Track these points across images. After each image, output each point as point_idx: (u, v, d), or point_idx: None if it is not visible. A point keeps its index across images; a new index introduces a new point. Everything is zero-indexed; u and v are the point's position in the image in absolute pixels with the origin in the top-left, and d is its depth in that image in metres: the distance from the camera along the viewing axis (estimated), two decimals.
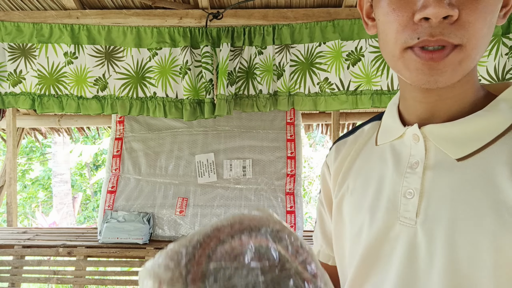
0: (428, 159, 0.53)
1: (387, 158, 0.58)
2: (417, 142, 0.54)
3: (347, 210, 0.62)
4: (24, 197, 8.95)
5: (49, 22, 2.27)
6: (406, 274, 0.51)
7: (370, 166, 0.61)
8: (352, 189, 0.62)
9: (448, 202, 0.50)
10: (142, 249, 2.33)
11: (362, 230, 0.57)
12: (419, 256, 0.50)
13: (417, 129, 0.54)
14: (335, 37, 2.20)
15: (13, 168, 2.79)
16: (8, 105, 2.32)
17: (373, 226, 0.55)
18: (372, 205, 0.57)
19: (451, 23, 0.45)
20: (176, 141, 2.64)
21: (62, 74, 2.29)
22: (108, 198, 2.57)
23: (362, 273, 0.56)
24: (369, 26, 0.58)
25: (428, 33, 0.45)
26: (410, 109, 0.58)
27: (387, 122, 0.62)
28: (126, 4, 2.29)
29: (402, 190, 0.54)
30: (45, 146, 8.60)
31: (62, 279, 2.35)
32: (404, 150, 0.56)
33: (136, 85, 2.30)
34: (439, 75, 0.47)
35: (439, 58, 0.46)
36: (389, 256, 0.53)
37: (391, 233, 0.54)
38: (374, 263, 0.55)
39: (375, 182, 0.58)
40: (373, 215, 0.56)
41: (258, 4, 2.27)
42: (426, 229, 0.50)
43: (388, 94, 2.19)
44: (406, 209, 0.53)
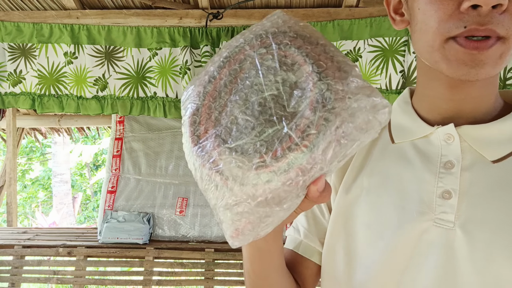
0: (464, 160, 0.51)
1: (410, 157, 0.56)
2: (451, 142, 0.52)
3: (362, 210, 0.58)
4: (24, 197, 8.95)
5: (49, 22, 2.27)
6: (444, 277, 0.49)
7: (387, 164, 0.58)
8: (368, 188, 0.58)
9: (488, 204, 0.48)
10: (142, 249, 2.33)
11: (385, 231, 0.54)
12: (459, 258, 0.48)
13: (453, 128, 0.52)
14: (335, 37, 2.21)
15: (13, 168, 2.79)
16: (8, 105, 2.32)
17: (403, 228, 0.52)
18: (398, 205, 0.54)
19: (500, 13, 0.44)
20: (176, 141, 2.64)
21: (62, 74, 2.30)
22: (108, 198, 2.57)
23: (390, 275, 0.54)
24: (396, 21, 0.57)
25: (476, 22, 0.44)
26: (431, 107, 0.56)
27: (402, 121, 0.59)
28: (126, 4, 2.29)
29: (437, 190, 0.52)
30: (45, 146, 8.60)
31: (62, 279, 2.35)
32: (431, 150, 0.54)
33: (136, 85, 2.30)
34: (481, 67, 0.46)
35: (484, 48, 0.45)
36: (424, 258, 0.51)
37: (425, 235, 0.51)
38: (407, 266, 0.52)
39: (396, 181, 0.56)
40: (402, 217, 0.53)
41: (258, 4, 2.27)
42: (467, 231, 0.48)
43: (386, 93, 2.19)
44: (443, 210, 0.50)
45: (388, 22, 2.15)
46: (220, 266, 2.29)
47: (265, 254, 0.54)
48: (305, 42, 0.40)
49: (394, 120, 0.61)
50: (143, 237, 2.38)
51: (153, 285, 2.28)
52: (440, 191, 0.51)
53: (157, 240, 2.47)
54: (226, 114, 0.41)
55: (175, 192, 2.55)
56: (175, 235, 2.49)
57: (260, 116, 0.39)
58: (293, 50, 0.40)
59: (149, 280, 2.28)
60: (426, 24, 0.49)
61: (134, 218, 2.46)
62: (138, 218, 2.46)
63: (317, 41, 0.41)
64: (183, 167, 2.59)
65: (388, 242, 0.53)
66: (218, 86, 0.43)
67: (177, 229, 2.49)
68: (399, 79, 2.17)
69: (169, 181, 2.58)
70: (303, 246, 0.66)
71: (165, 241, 2.45)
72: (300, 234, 0.66)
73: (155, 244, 2.40)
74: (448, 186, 0.51)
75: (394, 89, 2.18)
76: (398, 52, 2.15)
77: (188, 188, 2.56)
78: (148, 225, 2.43)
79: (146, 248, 2.34)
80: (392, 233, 0.53)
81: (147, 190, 2.57)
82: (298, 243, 0.66)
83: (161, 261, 2.33)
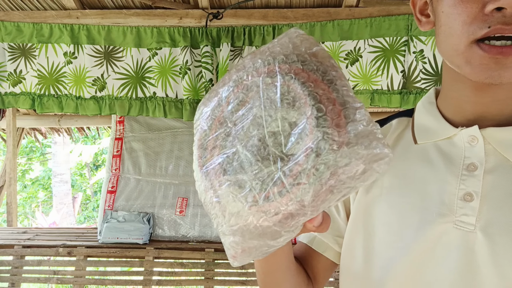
0: (488, 162, 0.51)
1: (433, 158, 0.56)
2: (475, 144, 0.52)
3: (383, 210, 0.58)
4: (24, 197, 8.95)
5: (49, 22, 2.27)
6: (463, 279, 0.49)
7: (409, 165, 0.58)
8: (389, 188, 0.58)
9: (510, 207, 0.48)
10: (142, 249, 2.33)
11: (405, 232, 0.54)
12: (479, 261, 0.48)
13: (478, 130, 0.52)
14: (335, 37, 2.21)
15: (13, 168, 2.79)
16: (8, 105, 2.32)
17: (423, 229, 0.52)
18: (419, 206, 0.54)
19: None
20: (176, 141, 2.64)
21: (62, 74, 2.30)
22: (108, 198, 2.57)
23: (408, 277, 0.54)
24: (422, 22, 0.57)
25: (502, 22, 0.44)
26: (456, 109, 0.56)
27: (426, 121, 0.59)
28: (126, 4, 2.29)
29: (459, 193, 0.51)
30: (45, 146, 8.60)
31: (62, 279, 2.35)
32: (454, 151, 0.54)
33: (135, 85, 2.29)
34: (504, 70, 0.46)
35: (508, 53, 0.45)
36: (443, 260, 0.51)
37: (445, 237, 0.51)
38: (426, 267, 0.52)
39: (418, 182, 0.55)
40: (422, 218, 0.53)
41: (258, 4, 2.27)
42: (488, 235, 0.48)
43: (388, 93, 2.19)
44: (464, 212, 0.50)
45: (388, 22, 2.15)
46: (220, 266, 2.29)
47: (271, 257, 0.55)
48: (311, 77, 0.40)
49: (418, 120, 0.61)
50: (143, 237, 2.38)
51: (153, 285, 2.28)
52: (461, 193, 0.51)
53: (157, 240, 2.47)
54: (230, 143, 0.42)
55: (175, 192, 2.55)
56: (175, 235, 2.49)
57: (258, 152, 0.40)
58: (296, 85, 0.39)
59: (149, 280, 2.28)
60: (450, 27, 0.49)
61: (134, 218, 2.46)
62: (138, 218, 2.46)
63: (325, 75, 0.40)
64: (183, 167, 2.59)
65: (407, 242, 0.53)
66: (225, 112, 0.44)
67: (177, 229, 2.49)
68: (400, 79, 2.17)
69: (169, 181, 2.58)
70: (317, 242, 0.68)
71: (165, 241, 2.45)
72: None
73: (155, 244, 2.40)
74: (470, 188, 0.51)
75: (396, 90, 2.18)
76: (399, 52, 2.15)
77: (188, 188, 2.56)
78: (148, 225, 2.43)
79: (146, 248, 2.34)
80: (411, 233, 0.53)
81: (147, 190, 2.57)
82: (312, 238, 0.68)
83: (161, 261, 2.33)
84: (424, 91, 2.16)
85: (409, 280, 0.53)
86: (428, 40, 2.12)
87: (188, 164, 2.59)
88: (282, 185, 0.37)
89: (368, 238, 0.59)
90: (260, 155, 0.39)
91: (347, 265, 0.63)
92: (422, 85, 2.15)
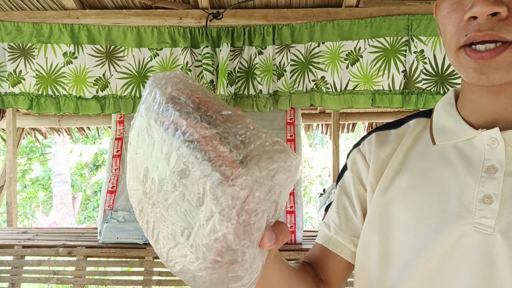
0: (508, 165, 0.50)
1: (452, 160, 0.55)
2: (496, 146, 0.52)
3: (401, 211, 0.57)
4: (24, 197, 8.95)
5: (49, 22, 2.27)
6: (482, 282, 0.48)
7: (428, 166, 0.57)
8: (407, 188, 0.58)
9: None
10: (142, 249, 2.33)
11: (423, 233, 0.54)
12: (498, 264, 0.48)
13: (499, 133, 0.51)
14: (335, 38, 2.20)
15: (13, 168, 2.79)
16: (8, 105, 2.32)
17: (442, 231, 0.52)
18: (437, 207, 0.54)
19: (502, 19, 0.46)
20: None
21: (61, 74, 2.29)
22: (108, 198, 2.56)
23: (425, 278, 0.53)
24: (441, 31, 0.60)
25: (476, 29, 0.47)
26: (473, 110, 0.56)
27: (445, 122, 0.59)
28: (126, 4, 2.29)
29: (478, 195, 0.51)
30: (45, 146, 8.60)
31: (62, 279, 2.35)
32: (474, 153, 0.54)
33: (138, 84, 2.30)
34: (492, 73, 0.47)
35: (488, 57, 0.47)
36: (462, 262, 0.50)
37: (464, 239, 0.50)
38: (444, 269, 0.52)
39: (438, 183, 0.55)
40: (441, 219, 0.53)
41: (258, 4, 2.27)
42: (507, 238, 0.48)
43: (389, 94, 2.19)
44: (483, 215, 0.50)
45: (388, 22, 2.15)
46: None
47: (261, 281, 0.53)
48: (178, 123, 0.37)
49: (437, 121, 0.60)
50: (143, 237, 2.38)
51: (153, 285, 2.28)
52: (481, 195, 0.51)
53: None
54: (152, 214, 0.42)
55: None
56: None
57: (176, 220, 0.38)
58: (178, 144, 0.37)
59: (149, 280, 2.28)
60: (444, 36, 0.53)
61: (134, 218, 2.45)
62: None
63: (190, 110, 0.37)
64: None
65: (425, 244, 0.53)
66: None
67: None
68: (402, 79, 2.17)
69: None
70: (333, 242, 0.67)
71: None
72: (331, 230, 0.67)
73: None
74: (490, 191, 0.50)
75: (397, 90, 2.18)
76: (400, 52, 2.15)
77: None
78: None
79: (146, 248, 2.34)
80: (430, 235, 0.53)
81: None
82: (328, 238, 0.67)
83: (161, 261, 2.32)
84: (426, 92, 2.15)
85: (427, 282, 0.53)
86: (429, 40, 2.11)
87: None
88: (206, 244, 0.36)
89: (384, 239, 0.58)
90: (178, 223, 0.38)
91: (362, 265, 0.62)
92: (423, 86, 2.15)
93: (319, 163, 8.40)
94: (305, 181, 8.16)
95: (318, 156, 8.59)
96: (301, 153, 2.58)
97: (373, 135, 0.67)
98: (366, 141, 0.67)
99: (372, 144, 0.65)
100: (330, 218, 0.69)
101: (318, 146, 9.19)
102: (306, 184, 8.17)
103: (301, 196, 2.52)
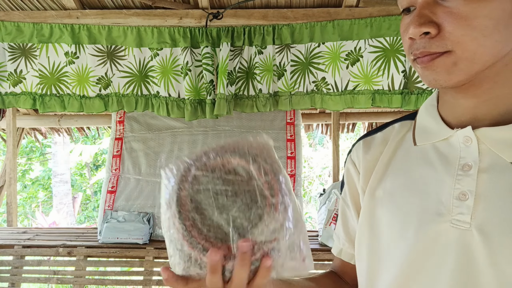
0: (482, 162, 0.53)
1: (431, 159, 0.58)
2: (469, 144, 0.54)
3: (386, 211, 0.60)
4: (24, 197, 8.95)
5: (49, 22, 2.27)
6: (462, 278, 0.51)
7: (410, 166, 0.60)
8: (391, 189, 0.60)
9: (506, 204, 0.49)
10: (142, 249, 2.33)
11: (407, 232, 0.56)
12: (476, 258, 0.50)
13: (471, 131, 0.54)
14: (335, 38, 2.20)
15: (13, 168, 2.79)
16: (9, 105, 2.32)
17: (422, 229, 0.54)
18: (419, 207, 0.56)
19: (432, 37, 0.51)
20: (176, 141, 2.64)
21: (64, 73, 2.30)
22: (108, 198, 2.57)
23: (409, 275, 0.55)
24: None
25: (415, 48, 0.53)
26: (450, 111, 0.59)
27: (426, 123, 0.61)
28: (126, 4, 2.29)
29: (455, 192, 0.53)
30: (45, 146, 8.59)
31: (62, 279, 2.35)
32: (451, 152, 0.56)
33: (139, 83, 2.31)
34: (435, 75, 0.52)
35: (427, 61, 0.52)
36: (442, 259, 0.53)
37: (443, 236, 0.53)
38: (425, 265, 0.54)
39: (419, 183, 0.57)
40: (422, 217, 0.55)
41: (258, 4, 2.27)
42: (483, 233, 0.50)
43: (389, 94, 2.19)
44: (460, 211, 0.52)
45: (388, 22, 2.15)
46: None
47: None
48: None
49: (419, 122, 0.63)
50: (143, 237, 2.38)
51: (153, 285, 2.28)
52: (457, 192, 0.53)
53: (157, 240, 2.47)
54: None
55: None
56: None
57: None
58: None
59: (149, 280, 2.28)
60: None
61: (134, 218, 2.46)
62: (138, 218, 2.46)
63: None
64: None
65: (408, 243, 0.55)
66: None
67: None
68: (401, 79, 2.17)
69: None
70: (344, 253, 0.74)
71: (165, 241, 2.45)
72: (340, 242, 0.75)
73: (155, 244, 2.39)
74: (465, 187, 0.53)
75: (396, 90, 2.18)
76: (399, 52, 2.15)
77: None
78: (148, 225, 2.43)
79: (146, 248, 2.34)
80: (412, 233, 0.55)
81: (147, 190, 2.57)
82: (340, 250, 0.75)
83: (161, 261, 2.33)
84: (426, 92, 2.15)
85: (410, 278, 0.55)
86: None
87: None
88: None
89: (373, 239, 0.61)
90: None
91: (358, 264, 0.66)
92: (423, 86, 2.15)
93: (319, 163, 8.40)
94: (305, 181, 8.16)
95: (318, 156, 8.59)
96: (301, 153, 2.58)
97: (361, 142, 0.71)
98: (355, 148, 0.71)
99: (360, 150, 0.69)
100: (337, 230, 0.76)
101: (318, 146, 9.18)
102: (306, 184, 8.17)
103: (301, 196, 2.52)
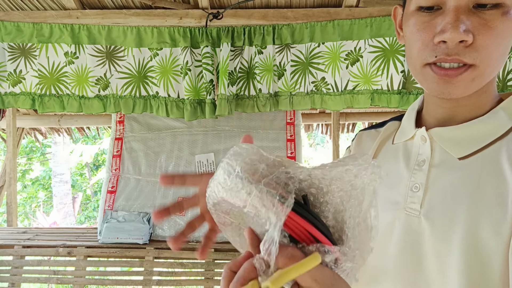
0: (434, 158, 0.60)
1: (399, 156, 0.66)
2: (425, 142, 0.62)
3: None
4: (24, 197, 8.96)
5: (49, 22, 2.26)
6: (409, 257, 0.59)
7: (384, 162, 0.68)
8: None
9: (449, 195, 0.56)
10: (142, 249, 2.33)
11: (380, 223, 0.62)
12: (421, 241, 0.57)
13: (425, 131, 0.62)
14: (335, 38, 2.20)
15: (13, 168, 2.79)
16: (8, 105, 2.32)
17: (385, 217, 0.62)
18: (386, 198, 0.63)
19: (466, 46, 0.52)
20: (176, 141, 2.64)
21: (63, 74, 2.30)
22: (108, 198, 2.57)
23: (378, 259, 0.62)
24: (400, 36, 0.65)
25: (445, 53, 0.53)
26: (431, 113, 0.65)
27: (404, 124, 0.69)
28: (126, 4, 2.29)
29: (410, 184, 0.61)
30: (45, 146, 8.60)
31: (62, 279, 2.35)
32: (413, 150, 0.64)
33: (138, 84, 2.30)
34: (453, 89, 0.55)
35: (453, 75, 0.54)
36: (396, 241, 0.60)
37: (398, 221, 0.61)
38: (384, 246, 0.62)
39: (390, 176, 0.65)
40: (386, 207, 0.63)
41: (258, 4, 2.27)
42: (428, 218, 0.57)
43: (388, 93, 2.19)
44: (412, 201, 0.60)
45: (388, 22, 2.15)
46: (220, 266, 2.29)
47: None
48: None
49: (402, 123, 0.71)
50: (143, 237, 2.38)
51: (153, 285, 2.28)
52: (411, 184, 0.61)
53: (157, 240, 2.47)
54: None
55: (175, 192, 2.55)
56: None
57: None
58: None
59: (149, 280, 2.28)
60: (410, 50, 0.59)
61: (134, 218, 2.46)
62: (138, 218, 2.46)
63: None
64: (183, 167, 2.59)
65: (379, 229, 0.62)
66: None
67: (177, 229, 2.49)
68: (400, 79, 2.17)
69: None
70: None
71: (165, 241, 2.45)
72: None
73: (155, 244, 2.39)
74: (418, 180, 0.61)
75: (395, 90, 2.18)
76: (399, 52, 2.15)
77: (188, 189, 2.56)
78: (148, 225, 2.43)
79: (146, 248, 2.34)
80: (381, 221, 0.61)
81: (147, 190, 2.57)
82: None
83: (161, 261, 2.33)
84: (424, 92, 2.15)
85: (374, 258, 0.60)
86: None
87: (188, 164, 2.59)
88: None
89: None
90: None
91: None
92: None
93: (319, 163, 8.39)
94: None
95: (318, 156, 8.59)
96: (301, 153, 2.58)
97: (358, 134, 0.79)
98: (354, 139, 0.80)
99: (355, 142, 0.79)
100: None
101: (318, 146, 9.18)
102: None
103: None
